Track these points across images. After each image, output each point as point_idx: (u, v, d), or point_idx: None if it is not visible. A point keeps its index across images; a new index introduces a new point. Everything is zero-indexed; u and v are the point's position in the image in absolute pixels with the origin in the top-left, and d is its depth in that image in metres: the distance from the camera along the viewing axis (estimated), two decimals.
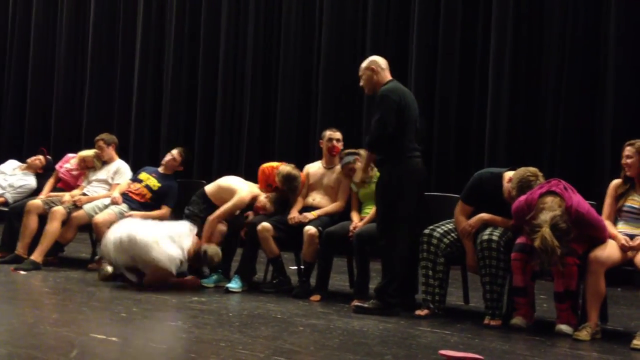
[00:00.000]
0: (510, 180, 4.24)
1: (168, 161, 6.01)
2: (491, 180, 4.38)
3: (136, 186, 5.95)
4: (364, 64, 4.59)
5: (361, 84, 4.63)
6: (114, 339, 3.30)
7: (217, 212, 5.17)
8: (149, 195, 5.90)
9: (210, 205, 5.30)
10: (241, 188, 5.28)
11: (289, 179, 5.12)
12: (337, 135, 5.24)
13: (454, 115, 7.18)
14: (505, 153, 6.68)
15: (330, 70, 7.80)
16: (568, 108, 6.52)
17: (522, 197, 4.03)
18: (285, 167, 5.18)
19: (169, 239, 4.84)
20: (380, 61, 4.57)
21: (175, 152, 6.07)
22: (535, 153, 6.55)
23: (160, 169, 6.03)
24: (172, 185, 5.94)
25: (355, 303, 4.48)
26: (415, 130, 4.49)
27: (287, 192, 5.17)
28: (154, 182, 5.94)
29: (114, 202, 5.79)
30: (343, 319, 4.15)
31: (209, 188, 5.43)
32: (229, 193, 5.26)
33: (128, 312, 3.99)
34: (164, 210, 5.83)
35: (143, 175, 6.03)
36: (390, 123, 4.29)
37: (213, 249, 4.99)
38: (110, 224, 5.56)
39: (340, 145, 5.23)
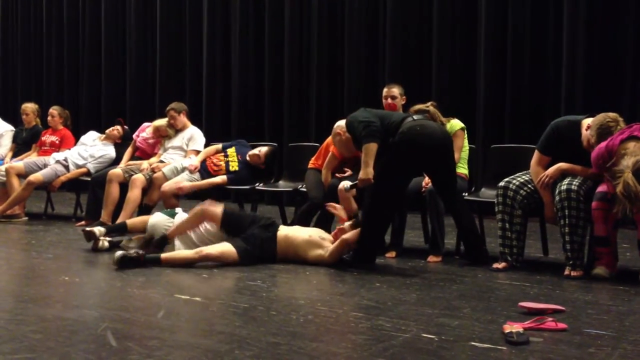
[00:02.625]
0: (589, 127, 4.07)
1: (253, 156, 5.97)
2: (569, 128, 4.22)
3: (219, 158, 6.05)
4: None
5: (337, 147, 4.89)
6: (197, 299, 3.41)
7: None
8: (223, 172, 5.97)
9: None
10: None
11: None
12: (393, 91, 5.10)
13: (527, 61, 6.94)
14: (583, 100, 6.43)
15: (397, 27, 7.68)
16: None
17: (602, 144, 3.88)
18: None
19: None
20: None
21: (263, 151, 5.98)
22: (615, 98, 6.27)
23: (247, 157, 5.99)
24: (246, 175, 5.94)
25: (431, 259, 4.50)
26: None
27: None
28: (234, 165, 5.98)
29: (189, 169, 5.93)
30: (420, 274, 4.15)
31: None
32: None
33: (209, 273, 4.11)
34: (220, 179, 5.87)
35: (231, 152, 6.09)
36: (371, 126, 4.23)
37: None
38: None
39: (396, 102, 5.07)
